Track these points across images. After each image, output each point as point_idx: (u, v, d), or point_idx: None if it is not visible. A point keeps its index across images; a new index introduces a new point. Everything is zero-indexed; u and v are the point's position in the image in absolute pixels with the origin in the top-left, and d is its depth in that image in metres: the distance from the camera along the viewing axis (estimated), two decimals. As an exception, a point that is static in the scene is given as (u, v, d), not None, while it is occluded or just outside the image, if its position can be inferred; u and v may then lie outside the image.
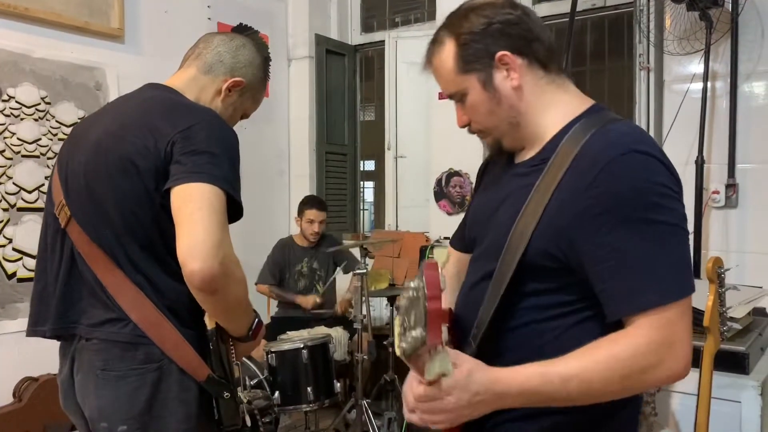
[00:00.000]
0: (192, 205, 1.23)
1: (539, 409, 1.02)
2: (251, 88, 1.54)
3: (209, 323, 1.35)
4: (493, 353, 1.02)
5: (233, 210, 1.31)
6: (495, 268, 1.06)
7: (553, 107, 1.10)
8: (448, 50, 1.10)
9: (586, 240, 0.97)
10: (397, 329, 0.88)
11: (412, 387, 1.00)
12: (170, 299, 1.33)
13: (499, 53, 1.07)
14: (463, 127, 1.17)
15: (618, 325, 0.98)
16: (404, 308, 0.85)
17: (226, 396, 1.35)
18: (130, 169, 1.29)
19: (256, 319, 1.43)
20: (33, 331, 1.44)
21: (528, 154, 1.13)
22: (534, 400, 0.98)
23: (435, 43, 1.13)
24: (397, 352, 0.86)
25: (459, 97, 1.13)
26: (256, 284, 3.83)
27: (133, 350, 1.31)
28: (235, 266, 1.26)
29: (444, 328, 0.80)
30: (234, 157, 1.34)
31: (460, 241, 1.32)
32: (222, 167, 1.28)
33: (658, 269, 0.95)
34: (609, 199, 0.95)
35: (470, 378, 0.95)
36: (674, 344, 0.95)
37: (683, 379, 0.98)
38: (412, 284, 0.84)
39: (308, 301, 3.74)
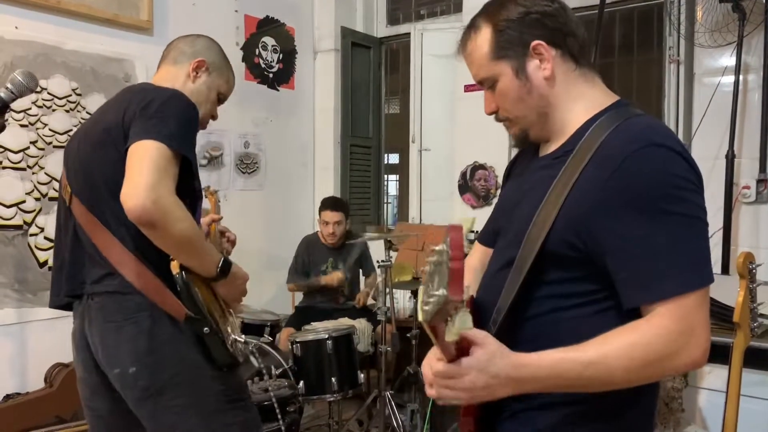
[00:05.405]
0: (134, 158, 1.42)
1: (559, 399, 1.03)
2: (216, 67, 1.77)
3: (173, 268, 1.48)
4: (511, 340, 1.03)
5: (187, 165, 1.49)
6: (516, 256, 1.07)
7: (580, 100, 1.12)
8: (484, 36, 1.12)
9: (605, 229, 0.99)
10: (420, 297, 0.89)
11: (431, 364, 1.02)
12: (144, 246, 1.47)
13: (534, 42, 1.09)
14: (491, 114, 1.18)
15: (636, 316, 0.99)
16: (428, 274, 0.86)
17: (206, 331, 1.49)
18: (107, 139, 1.52)
19: (223, 258, 1.55)
20: (54, 300, 1.66)
21: (551, 147, 1.14)
22: (553, 387, 1.00)
23: (471, 28, 1.15)
24: (419, 317, 0.87)
25: (489, 84, 1.15)
26: (287, 284, 3.89)
27: (123, 300, 1.50)
28: (173, 206, 1.40)
29: (465, 288, 0.81)
30: (181, 117, 1.50)
31: (487, 235, 1.33)
32: (168, 125, 1.45)
33: (677, 259, 0.96)
34: (628, 191, 0.97)
35: (491, 361, 0.97)
36: (693, 332, 0.96)
37: (712, 375, 0.98)
38: (436, 248, 0.85)
39: (333, 278, 3.74)
